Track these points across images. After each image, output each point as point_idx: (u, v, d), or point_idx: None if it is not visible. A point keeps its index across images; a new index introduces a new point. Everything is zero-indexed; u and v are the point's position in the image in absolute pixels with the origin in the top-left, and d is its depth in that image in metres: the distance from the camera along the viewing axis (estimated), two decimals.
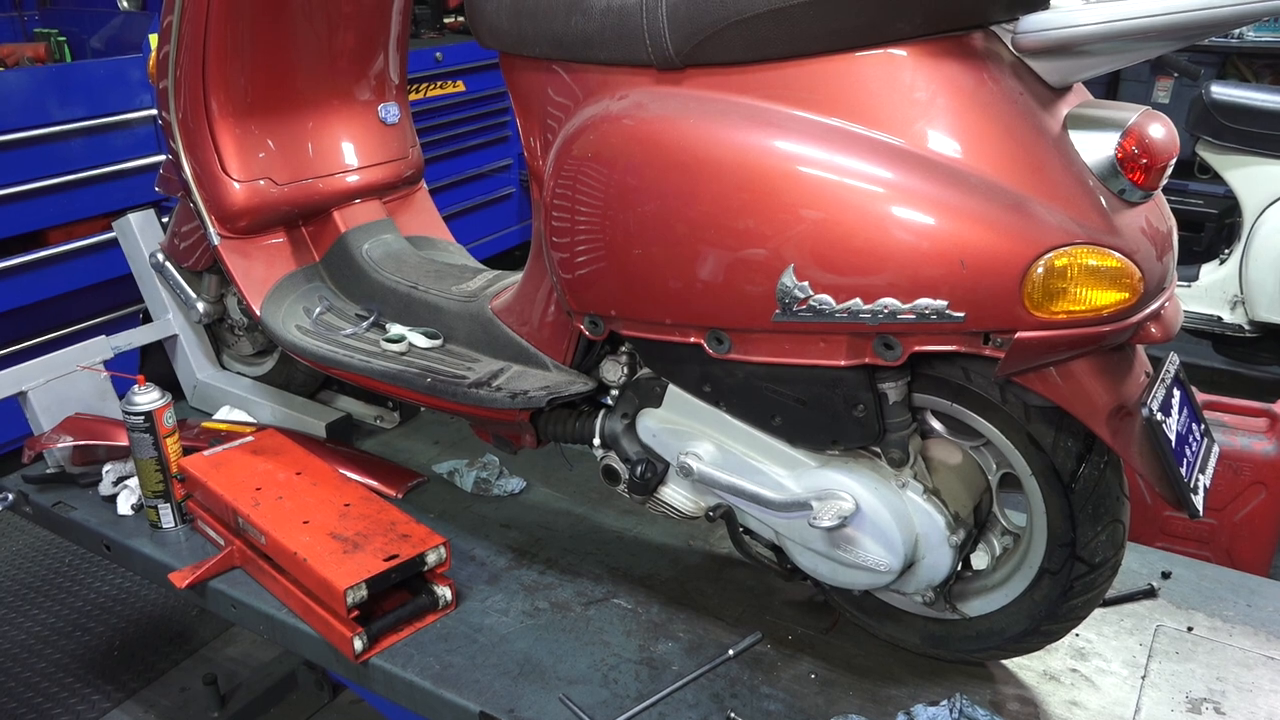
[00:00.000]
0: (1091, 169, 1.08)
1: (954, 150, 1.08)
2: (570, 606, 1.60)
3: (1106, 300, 1.05)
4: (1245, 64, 4.63)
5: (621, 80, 1.29)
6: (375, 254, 2.02)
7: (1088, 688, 1.41)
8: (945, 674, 1.44)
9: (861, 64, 1.12)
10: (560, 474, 1.97)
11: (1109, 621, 1.55)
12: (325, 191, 2.04)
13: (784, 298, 1.17)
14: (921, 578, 1.34)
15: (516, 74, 1.45)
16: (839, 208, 1.11)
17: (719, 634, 1.52)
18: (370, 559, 1.49)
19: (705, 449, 1.43)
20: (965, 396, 1.25)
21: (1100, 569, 1.27)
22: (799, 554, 1.42)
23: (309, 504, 1.64)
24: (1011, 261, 1.05)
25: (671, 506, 1.53)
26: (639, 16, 1.22)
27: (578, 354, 1.55)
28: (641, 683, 1.42)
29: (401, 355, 1.78)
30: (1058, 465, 1.22)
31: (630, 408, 1.52)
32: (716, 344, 1.28)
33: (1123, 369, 1.17)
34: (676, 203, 1.22)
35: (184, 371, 2.32)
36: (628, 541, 1.78)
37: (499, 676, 1.44)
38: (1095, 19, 1.02)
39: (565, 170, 1.32)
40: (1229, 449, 2.20)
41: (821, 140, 1.12)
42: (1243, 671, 1.44)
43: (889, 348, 1.17)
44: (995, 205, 1.06)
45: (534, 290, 1.59)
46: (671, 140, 1.21)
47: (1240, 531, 2.25)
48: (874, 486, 1.30)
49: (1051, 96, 1.12)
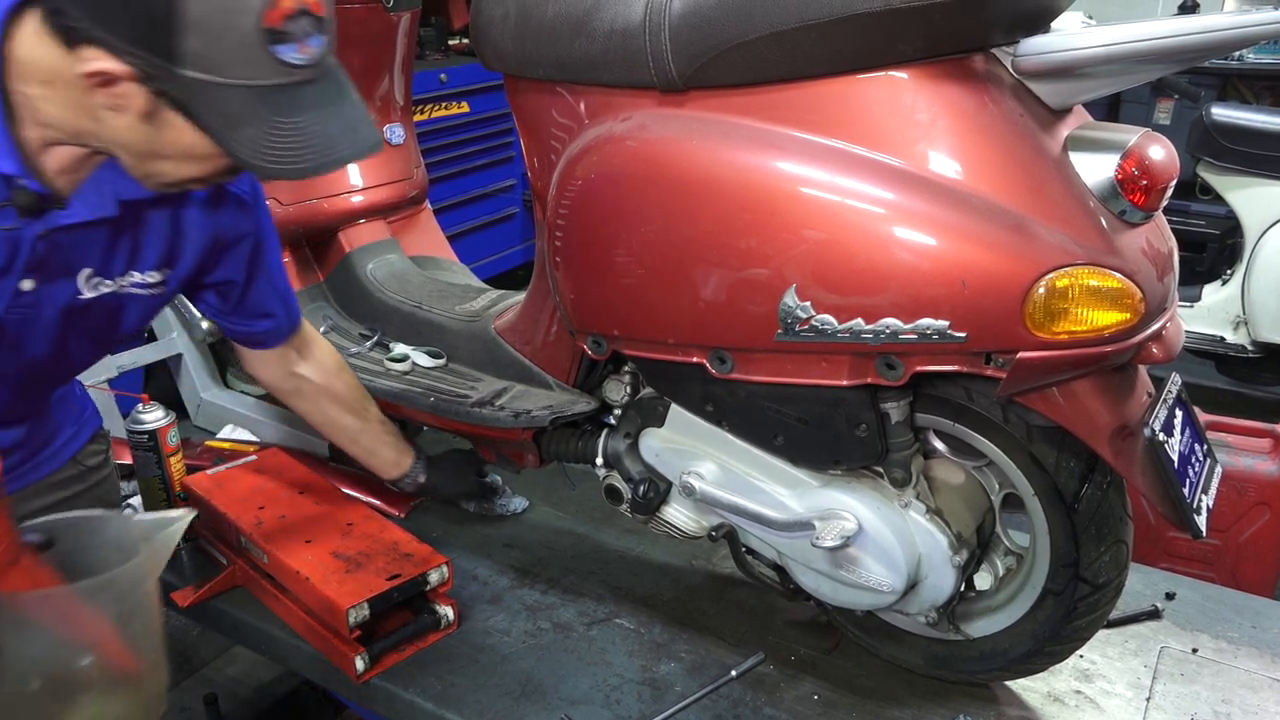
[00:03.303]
0: (1092, 190, 1.09)
1: (955, 171, 1.09)
2: (572, 627, 1.59)
3: (1108, 320, 1.06)
4: (1246, 86, 4.65)
5: (625, 102, 1.30)
6: (379, 274, 2.03)
7: (1092, 710, 1.41)
8: (948, 695, 1.43)
9: (863, 86, 1.13)
10: (563, 493, 1.97)
11: (1113, 643, 1.54)
12: (330, 212, 2.05)
13: (786, 318, 1.17)
14: (924, 598, 1.34)
15: (521, 95, 1.46)
16: (841, 228, 1.12)
17: (721, 654, 1.52)
18: (373, 578, 1.48)
19: (708, 468, 1.43)
20: (967, 416, 1.25)
21: (1104, 590, 1.26)
22: (801, 574, 1.42)
23: (312, 523, 1.64)
24: (1013, 282, 1.05)
25: (674, 526, 1.53)
26: (642, 39, 1.23)
27: (580, 373, 1.56)
28: (644, 703, 1.42)
29: (405, 374, 1.78)
30: (1060, 485, 1.22)
31: (633, 427, 1.52)
32: (719, 364, 1.29)
33: (1125, 389, 1.17)
34: (679, 223, 1.22)
35: (188, 390, 2.32)
36: (630, 561, 1.78)
37: (501, 697, 1.43)
38: (1095, 42, 1.03)
39: (568, 191, 1.33)
40: (1233, 470, 2.20)
41: (823, 161, 1.13)
42: (1248, 694, 1.43)
43: (891, 368, 1.17)
44: (996, 226, 1.06)
45: (537, 310, 1.60)
46: (674, 161, 1.22)
47: (1245, 552, 2.24)
48: (876, 506, 1.30)
49: (1052, 118, 1.13)
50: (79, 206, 1.11)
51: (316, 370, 1.56)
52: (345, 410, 1.61)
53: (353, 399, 1.61)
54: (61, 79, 0.97)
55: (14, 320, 1.12)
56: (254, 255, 1.37)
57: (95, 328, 1.23)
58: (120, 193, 1.13)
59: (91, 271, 1.16)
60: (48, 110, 1.01)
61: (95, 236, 1.15)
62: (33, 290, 1.12)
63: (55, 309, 1.15)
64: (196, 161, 1.02)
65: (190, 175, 1.05)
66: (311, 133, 0.99)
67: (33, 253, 1.09)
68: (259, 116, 0.96)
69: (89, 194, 1.11)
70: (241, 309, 1.42)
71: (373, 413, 1.64)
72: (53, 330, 1.17)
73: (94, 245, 1.15)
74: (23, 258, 1.08)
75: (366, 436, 1.63)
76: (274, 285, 1.43)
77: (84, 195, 1.11)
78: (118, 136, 1.00)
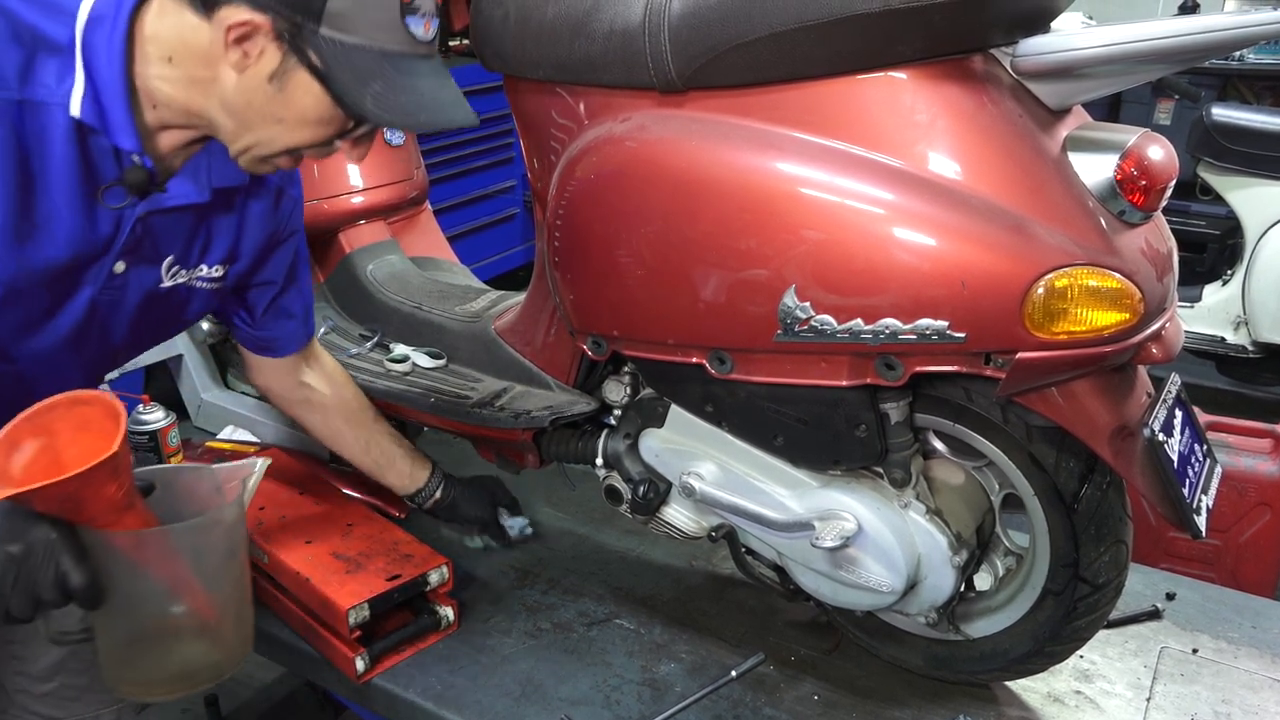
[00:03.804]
0: (1091, 191, 1.09)
1: (954, 172, 1.09)
2: (572, 627, 1.59)
3: (1107, 321, 1.06)
4: (1246, 86, 4.65)
5: (624, 103, 1.30)
6: (379, 275, 2.03)
7: (1092, 710, 1.41)
8: (948, 695, 1.43)
9: (862, 87, 1.13)
10: (563, 494, 1.97)
11: (1113, 643, 1.54)
12: (330, 213, 2.05)
13: (786, 318, 1.17)
14: (924, 598, 1.34)
15: (520, 96, 1.46)
16: (840, 229, 1.12)
17: (721, 655, 1.52)
18: (373, 579, 1.49)
19: (707, 469, 1.43)
20: (967, 417, 1.25)
21: (1104, 590, 1.26)
22: (801, 574, 1.42)
23: (312, 524, 1.64)
24: (1012, 282, 1.05)
25: (674, 526, 1.53)
26: (642, 40, 1.23)
27: (580, 374, 1.56)
28: (644, 704, 1.42)
29: (405, 375, 1.78)
30: (1060, 486, 1.22)
31: (633, 428, 1.53)
32: (719, 364, 1.29)
33: (1124, 389, 1.17)
34: (679, 224, 1.23)
35: (189, 391, 2.32)
36: (630, 562, 1.78)
37: (501, 697, 1.43)
38: (1094, 42, 1.03)
39: (568, 191, 1.33)
40: (1233, 470, 2.20)
41: (823, 162, 1.13)
42: (1248, 694, 1.43)
43: (890, 368, 1.17)
44: (995, 226, 1.06)
45: (537, 311, 1.60)
46: (674, 162, 1.22)
47: (1245, 553, 2.24)
48: (876, 507, 1.30)
49: (1051, 119, 1.13)
50: (178, 190, 1.15)
51: (324, 380, 1.55)
52: (353, 422, 1.59)
53: (360, 411, 1.60)
54: (186, 50, 1.02)
55: (105, 302, 1.16)
56: (297, 256, 1.41)
57: (164, 319, 1.28)
58: (215, 179, 1.18)
59: (173, 260, 1.21)
60: (164, 90, 1.05)
61: (183, 224, 1.19)
62: (124, 274, 1.15)
63: (139, 295, 1.19)
64: (309, 127, 1.06)
65: (296, 142, 1.08)
66: (429, 96, 1.07)
67: (131, 234, 1.12)
68: (386, 75, 1.03)
69: (186, 179, 1.16)
70: (271, 311, 1.43)
71: (381, 425, 1.62)
72: (133, 317, 1.21)
73: (180, 233, 1.20)
74: (123, 238, 1.12)
75: (376, 449, 1.60)
76: (304, 288, 1.46)
77: (183, 179, 1.15)
78: (235, 99, 1.03)
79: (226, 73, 1.02)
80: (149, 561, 1.06)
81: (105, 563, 1.01)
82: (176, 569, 1.08)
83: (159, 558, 1.07)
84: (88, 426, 0.99)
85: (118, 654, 1.11)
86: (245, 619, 1.17)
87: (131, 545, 1.04)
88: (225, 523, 1.12)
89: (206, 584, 1.10)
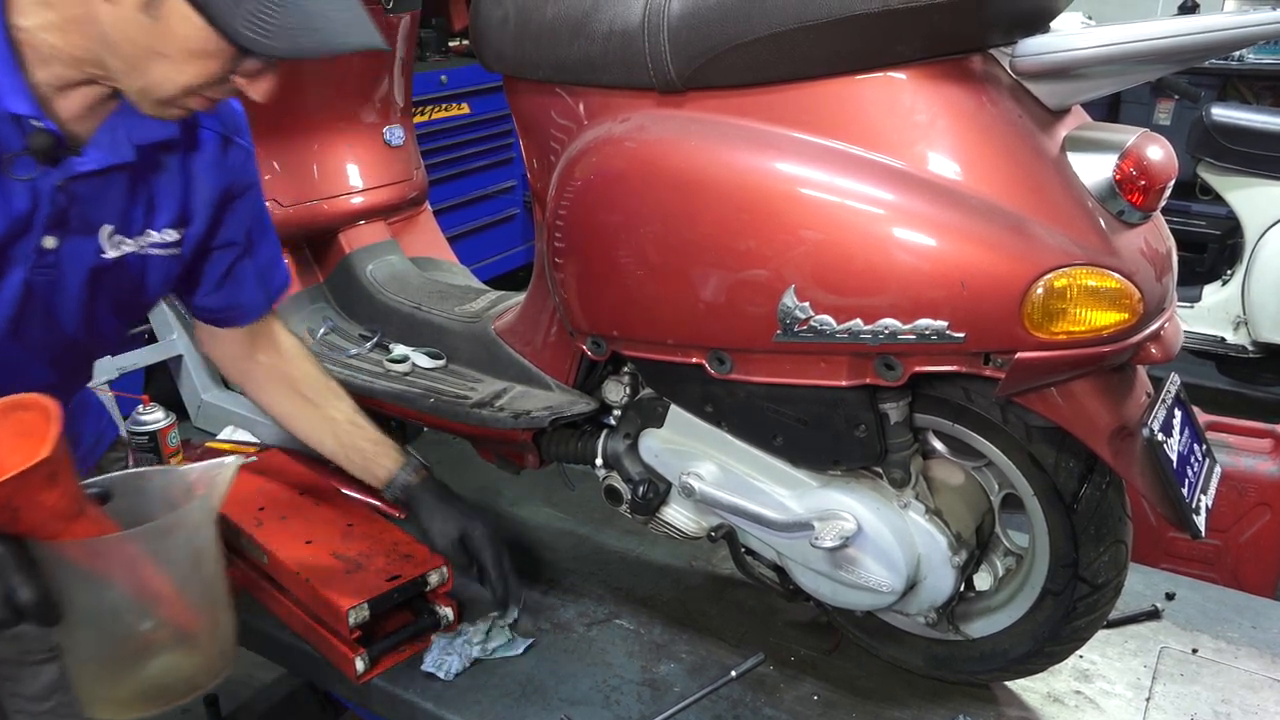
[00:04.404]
0: (1090, 191, 1.09)
1: (953, 172, 1.09)
2: (572, 627, 1.59)
3: (1106, 321, 1.06)
4: (1246, 86, 4.65)
5: (623, 103, 1.30)
6: (379, 275, 2.03)
7: (1092, 710, 1.41)
8: (948, 695, 1.43)
9: (861, 87, 1.13)
10: (562, 494, 1.97)
11: (1113, 643, 1.54)
12: (330, 213, 2.05)
13: (785, 318, 1.17)
14: (924, 598, 1.34)
15: (520, 97, 1.46)
16: (840, 229, 1.12)
17: (721, 655, 1.52)
18: (373, 579, 1.49)
19: (707, 469, 1.43)
20: (966, 417, 1.25)
21: (1103, 590, 1.26)
22: (801, 574, 1.42)
23: (312, 524, 1.64)
24: (1011, 282, 1.05)
25: (674, 527, 1.53)
26: (641, 40, 1.23)
27: (580, 374, 1.56)
28: (644, 704, 1.42)
29: (405, 375, 1.78)
30: (1059, 486, 1.22)
31: (632, 428, 1.53)
32: (718, 364, 1.29)
33: (1124, 389, 1.17)
34: (678, 224, 1.23)
35: (188, 391, 2.32)
36: (630, 562, 1.78)
37: (501, 698, 1.43)
38: (1094, 42, 1.03)
39: (568, 192, 1.33)
40: (1233, 470, 2.20)
41: (822, 162, 1.13)
42: (1248, 694, 1.43)
43: (890, 368, 1.17)
44: (995, 226, 1.06)
45: (536, 311, 1.60)
46: (673, 162, 1.22)
47: (1245, 553, 2.24)
48: (876, 507, 1.30)
49: (1050, 119, 1.13)
50: (95, 153, 1.09)
51: (275, 355, 1.47)
52: (305, 400, 1.49)
53: (312, 387, 1.49)
54: None
55: (41, 283, 1.10)
56: (257, 214, 1.34)
57: (120, 297, 1.21)
58: (135, 136, 1.11)
59: (113, 229, 1.14)
60: (47, 41, 1.00)
61: (113, 188, 1.13)
62: (55, 249, 1.09)
63: (82, 270, 1.13)
64: (195, 60, 0.98)
65: (189, 81, 1.00)
66: (317, 14, 0.97)
67: (53, 205, 1.06)
68: None
69: (104, 139, 1.09)
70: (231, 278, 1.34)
71: (341, 407, 1.50)
72: (81, 297, 1.15)
73: (112, 198, 1.13)
74: (43, 211, 1.06)
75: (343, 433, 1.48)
76: (265, 251, 1.38)
77: (99, 141, 1.09)
78: (114, 34, 0.97)
79: (99, 6, 0.95)
80: (109, 570, 1.00)
81: (59, 576, 0.94)
82: (142, 577, 1.02)
83: (120, 566, 1.00)
84: (29, 432, 0.92)
85: (90, 671, 1.05)
86: (226, 625, 1.11)
87: (85, 555, 0.97)
88: (190, 524, 1.06)
89: (178, 590, 1.04)
